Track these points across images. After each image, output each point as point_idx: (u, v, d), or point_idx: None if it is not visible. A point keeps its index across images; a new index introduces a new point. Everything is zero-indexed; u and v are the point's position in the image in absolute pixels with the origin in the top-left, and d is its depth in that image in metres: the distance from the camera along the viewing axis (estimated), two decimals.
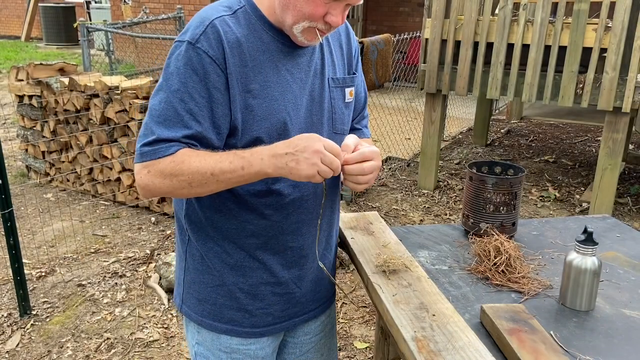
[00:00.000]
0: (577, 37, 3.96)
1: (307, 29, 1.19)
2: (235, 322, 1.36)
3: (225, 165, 1.15)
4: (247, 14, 1.22)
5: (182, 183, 1.16)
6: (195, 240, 1.34)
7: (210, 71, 1.15)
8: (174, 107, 1.16)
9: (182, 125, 1.16)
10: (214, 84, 1.16)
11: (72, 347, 2.75)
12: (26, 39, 14.45)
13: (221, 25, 1.17)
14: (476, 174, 1.71)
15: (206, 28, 1.16)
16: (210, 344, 1.38)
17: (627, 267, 1.59)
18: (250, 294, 1.34)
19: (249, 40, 1.20)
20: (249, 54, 1.20)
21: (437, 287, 1.36)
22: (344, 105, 1.36)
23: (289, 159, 1.12)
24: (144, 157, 1.17)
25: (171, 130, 1.16)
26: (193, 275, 1.37)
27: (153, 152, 1.16)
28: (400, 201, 4.65)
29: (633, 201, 4.70)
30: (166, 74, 1.18)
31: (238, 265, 1.32)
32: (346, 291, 3.28)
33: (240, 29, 1.20)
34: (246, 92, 1.19)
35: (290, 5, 1.17)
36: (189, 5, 9.39)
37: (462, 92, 4.50)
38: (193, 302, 1.38)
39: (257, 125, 1.21)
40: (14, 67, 4.63)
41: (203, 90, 1.16)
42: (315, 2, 1.15)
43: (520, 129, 7.22)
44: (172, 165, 1.15)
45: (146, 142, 1.17)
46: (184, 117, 1.16)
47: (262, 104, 1.21)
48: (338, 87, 1.34)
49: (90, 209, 4.38)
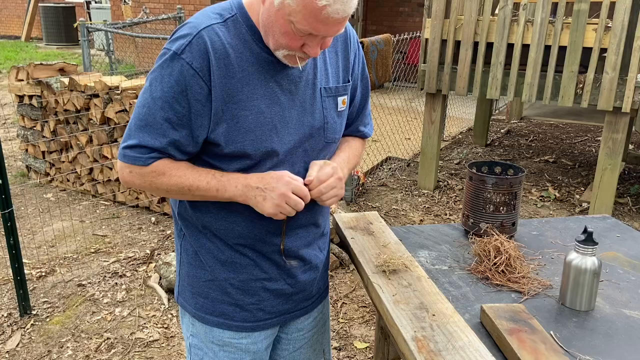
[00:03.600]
0: (577, 37, 3.96)
1: (288, 55, 1.20)
2: (227, 316, 1.38)
3: (203, 184, 1.24)
4: (238, 23, 1.21)
5: (160, 191, 1.27)
6: (189, 236, 1.38)
7: (192, 83, 1.17)
8: (154, 115, 1.19)
9: (161, 134, 1.20)
10: (195, 95, 1.18)
11: (72, 347, 2.75)
12: (26, 39, 14.45)
13: (209, 35, 1.17)
14: (476, 174, 1.71)
15: (192, 39, 1.17)
16: (204, 337, 1.42)
17: (627, 267, 1.59)
18: (241, 290, 1.36)
19: (238, 51, 1.20)
20: (237, 64, 1.19)
21: (437, 287, 1.36)
22: (336, 115, 1.35)
23: (258, 193, 1.22)
24: (125, 159, 1.24)
25: (151, 137, 1.20)
26: (187, 269, 1.40)
27: (134, 158, 1.22)
28: (400, 201, 4.65)
29: (633, 201, 4.70)
30: (151, 78, 1.21)
31: (229, 262, 1.34)
32: (346, 291, 3.28)
33: (230, 39, 1.19)
34: (232, 103, 1.20)
35: (269, 33, 1.18)
36: (189, 5, 9.39)
37: (462, 92, 4.50)
38: (188, 295, 1.42)
39: (242, 137, 1.22)
40: (14, 67, 4.63)
41: (184, 100, 1.18)
42: (289, 36, 1.15)
43: (520, 129, 7.22)
44: (153, 174, 1.23)
45: (128, 145, 1.22)
46: (163, 125, 1.20)
47: (249, 115, 1.21)
48: (330, 97, 1.33)
49: (90, 209, 4.38)
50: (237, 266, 1.35)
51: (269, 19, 1.16)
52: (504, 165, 1.82)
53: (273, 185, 1.22)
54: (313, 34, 1.14)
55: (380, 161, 5.50)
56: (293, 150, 1.29)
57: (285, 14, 1.12)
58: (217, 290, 1.37)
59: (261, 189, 1.22)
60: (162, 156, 1.23)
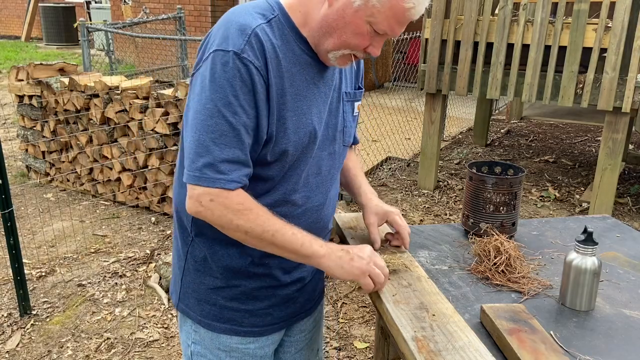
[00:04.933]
0: (577, 37, 3.96)
1: (345, 55, 1.21)
2: (235, 321, 1.36)
3: (288, 233, 1.19)
4: (281, 24, 1.20)
5: (239, 227, 1.17)
6: (201, 243, 1.32)
7: (257, 82, 1.14)
8: (229, 121, 1.12)
9: (239, 141, 1.14)
10: (260, 95, 1.15)
11: (72, 347, 2.75)
12: (26, 39, 14.45)
13: (262, 34, 1.15)
14: (476, 174, 1.71)
15: (249, 37, 1.13)
16: (210, 343, 1.38)
17: (627, 267, 1.59)
18: (252, 296, 1.35)
19: (282, 51, 1.18)
20: (284, 65, 1.18)
21: (437, 287, 1.36)
22: (352, 119, 1.39)
23: (344, 254, 1.24)
24: (203, 182, 1.14)
25: (230, 148, 1.13)
26: (193, 276, 1.35)
27: (212, 180, 1.13)
28: (400, 201, 4.65)
29: (633, 201, 4.70)
30: (213, 86, 1.13)
31: (242, 270, 1.32)
32: (346, 291, 3.29)
33: (275, 40, 1.18)
34: (281, 103, 1.19)
35: (335, 34, 1.17)
36: (189, 5, 9.40)
37: (462, 92, 4.50)
38: (192, 301, 1.37)
39: (287, 137, 1.21)
40: (14, 67, 4.63)
41: (252, 101, 1.14)
42: (362, 36, 1.16)
43: (520, 129, 7.22)
44: (240, 207, 1.16)
45: (205, 163, 1.13)
46: (240, 130, 1.13)
47: (293, 116, 1.21)
48: (349, 101, 1.36)
49: (90, 209, 4.38)
50: (250, 274, 1.32)
51: (339, 19, 1.15)
52: (504, 165, 1.82)
53: (358, 253, 1.25)
54: (385, 34, 1.17)
55: (380, 161, 5.50)
56: (320, 153, 1.30)
57: (365, 15, 1.13)
58: (226, 297, 1.34)
59: (347, 251, 1.24)
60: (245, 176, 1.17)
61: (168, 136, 3.97)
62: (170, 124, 3.92)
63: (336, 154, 1.36)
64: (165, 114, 3.94)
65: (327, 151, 1.32)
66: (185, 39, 6.35)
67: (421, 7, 1.15)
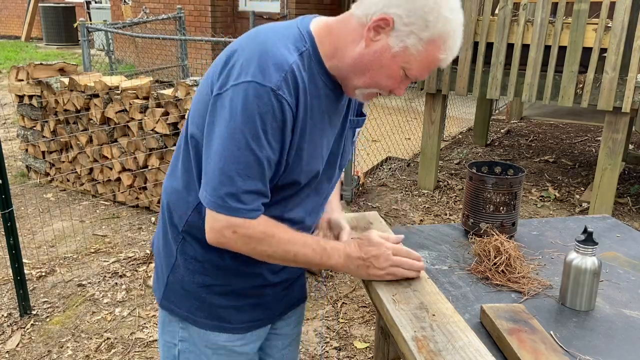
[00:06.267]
0: (577, 37, 3.96)
1: (372, 92, 1.23)
2: (223, 319, 1.36)
3: (309, 250, 1.25)
4: (309, 57, 1.20)
5: (263, 253, 1.23)
6: (192, 241, 1.32)
7: (287, 118, 1.15)
8: (255, 155, 1.14)
9: (261, 173, 1.16)
10: (287, 130, 1.16)
11: (72, 347, 2.75)
12: (26, 39, 14.45)
13: (297, 70, 1.16)
14: (476, 174, 1.71)
15: (286, 74, 1.13)
16: (198, 340, 1.38)
17: (627, 267, 1.59)
18: (241, 294, 1.36)
19: (308, 85, 1.19)
20: (308, 99, 1.20)
21: (437, 287, 1.36)
22: (350, 144, 1.41)
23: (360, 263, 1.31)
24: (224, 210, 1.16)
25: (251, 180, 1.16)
26: (183, 273, 1.35)
27: (234, 209, 1.16)
28: (400, 201, 4.65)
29: (633, 201, 4.70)
30: (244, 116, 1.12)
31: (233, 270, 1.33)
32: (346, 291, 3.29)
33: (304, 73, 1.18)
34: (301, 135, 1.20)
35: (368, 73, 1.18)
36: (189, 5, 9.40)
37: (462, 92, 4.50)
38: (179, 298, 1.36)
39: (300, 168, 1.23)
40: (14, 67, 4.63)
41: (280, 136, 1.16)
42: (394, 79, 1.18)
43: (520, 129, 7.22)
44: (262, 235, 1.20)
45: (227, 192, 1.15)
46: (264, 163, 1.15)
47: (308, 147, 1.22)
48: (352, 128, 1.38)
49: (90, 209, 4.38)
50: (239, 273, 1.33)
51: (375, 61, 1.16)
52: (504, 165, 1.82)
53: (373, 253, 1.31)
54: (413, 78, 1.20)
55: (380, 161, 5.50)
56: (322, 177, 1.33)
57: (402, 61, 1.15)
58: (216, 295, 1.34)
59: (362, 259, 1.30)
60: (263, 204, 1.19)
61: (168, 136, 3.98)
62: (170, 124, 3.92)
63: (334, 177, 1.39)
64: (165, 114, 3.94)
65: (327, 175, 1.35)
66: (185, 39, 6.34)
67: (451, 57, 1.18)
